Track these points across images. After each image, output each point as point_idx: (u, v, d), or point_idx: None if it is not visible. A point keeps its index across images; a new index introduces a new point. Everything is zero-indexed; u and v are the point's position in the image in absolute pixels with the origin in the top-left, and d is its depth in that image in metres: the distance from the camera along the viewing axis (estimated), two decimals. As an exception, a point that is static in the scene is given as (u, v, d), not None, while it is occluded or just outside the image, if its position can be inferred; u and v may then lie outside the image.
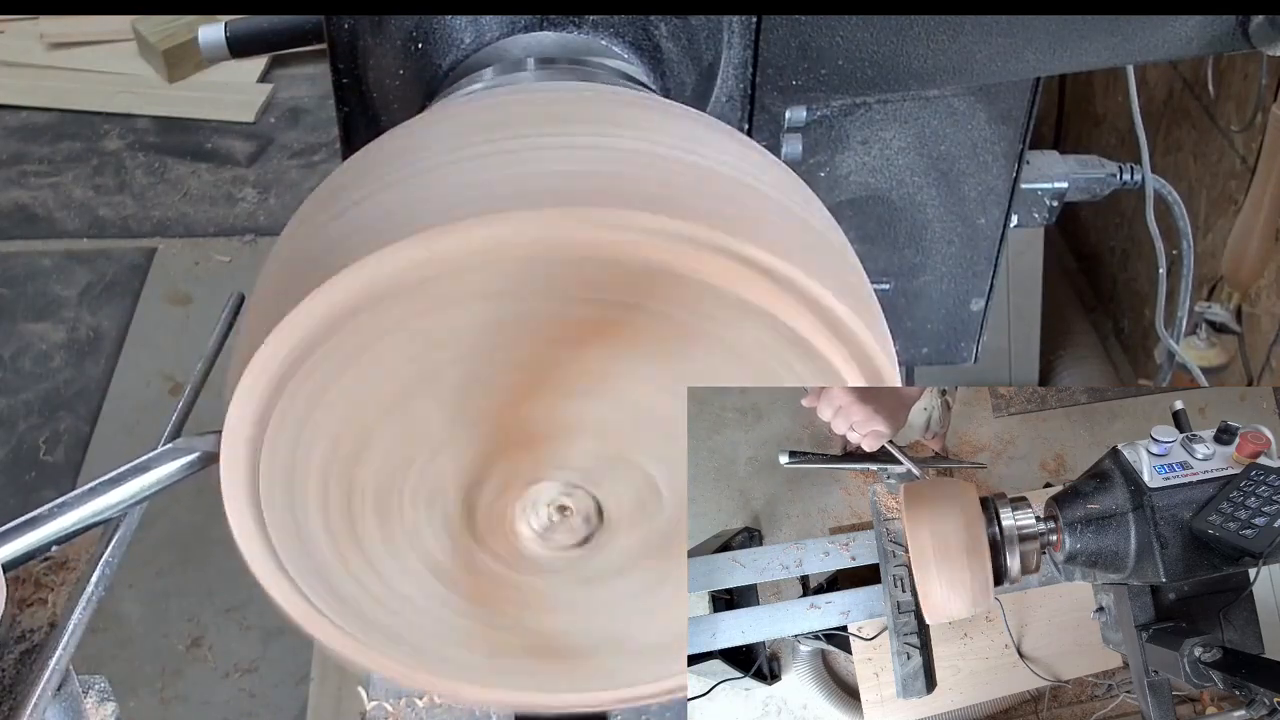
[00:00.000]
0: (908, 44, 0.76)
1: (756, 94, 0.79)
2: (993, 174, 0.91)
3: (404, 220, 0.47)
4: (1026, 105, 0.88)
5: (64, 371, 2.67)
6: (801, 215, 0.53)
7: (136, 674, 2.09)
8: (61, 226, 3.08)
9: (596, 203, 0.46)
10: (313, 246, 0.50)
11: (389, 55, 0.75)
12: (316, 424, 0.50)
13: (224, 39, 1.09)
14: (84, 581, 0.59)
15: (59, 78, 3.47)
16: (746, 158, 0.54)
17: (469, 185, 0.48)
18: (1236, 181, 1.99)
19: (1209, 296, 2.02)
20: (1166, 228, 1.19)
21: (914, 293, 0.96)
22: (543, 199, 0.46)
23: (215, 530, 0.53)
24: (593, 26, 0.72)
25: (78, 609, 0.58)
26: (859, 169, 0.89)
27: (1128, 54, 0.77)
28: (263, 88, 3.51)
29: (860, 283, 0.54)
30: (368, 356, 0.49)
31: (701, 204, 0.48)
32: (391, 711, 0.92)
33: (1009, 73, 0.78)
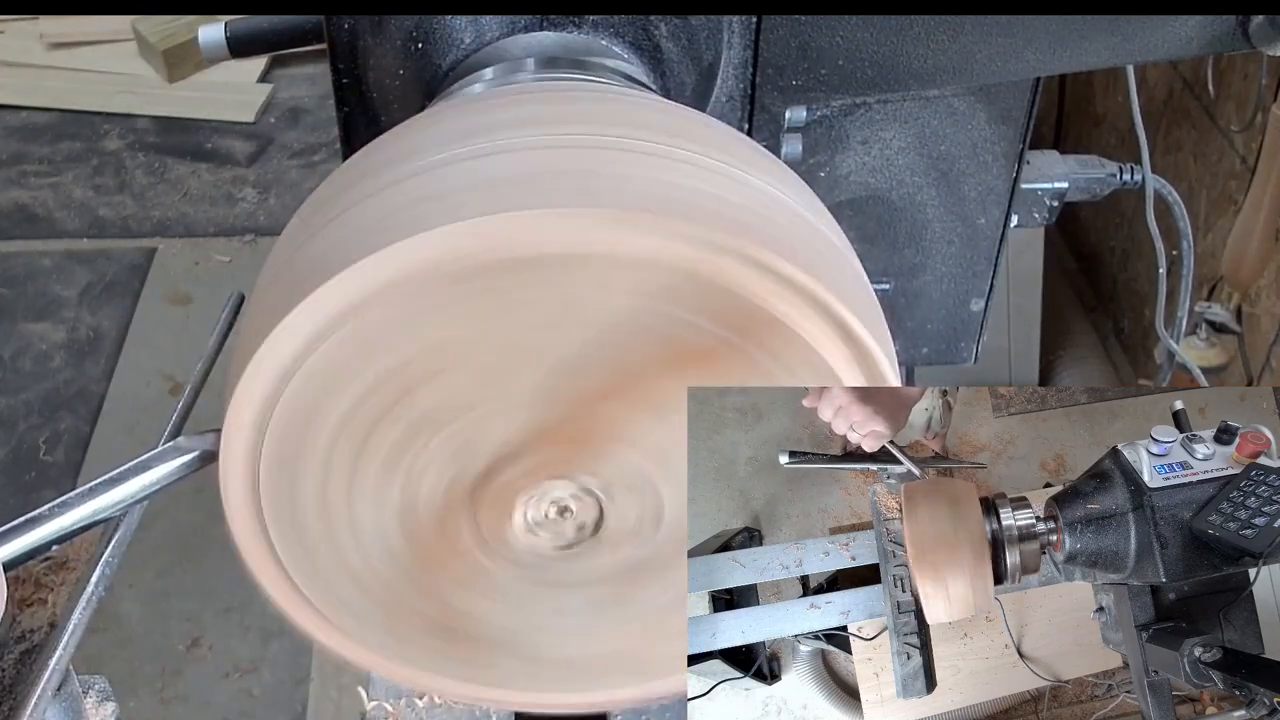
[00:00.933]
0: (908, 44, 0.76)
1: (756, 94, 0.79)
2: (993, 174, 0.91)
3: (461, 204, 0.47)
4: (1026, 105, 0.88)
5: (64, 371, 2.67)
6: (808, 218, 0.53)
7: (136, 674, 2.09)
8: (61, 226, 3.08)
9: (737, 233, 0.47)
10: (315, 247, 0.50)
11: (389, 55, 0.75)
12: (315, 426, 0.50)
13: (224, 39, 1.09)
14: (84, 581, 0.59)
15: (59, 78, 3.47)
16: (753, 161, 0.54)
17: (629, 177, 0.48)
18: (1236, 181, 1.99)
19: (1209, 296, 2.02)
20: (1166, 228, 1.19)
21: (914, 293, 0.96)
22: (698, 214, 0.47)
23: (215, 530, 0.53)
24: (593, 26, 0.72)
25: (78, 609, 0.58)
26: (859, 169, 0.89)
27: (1128, 54, 0.77)
28: (263, 88, 3.51)
29: (861, 283, 0.54)
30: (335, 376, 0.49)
31: (786, 241, 0.49)
32: (391, 711, 0.92)
33: (1009, 73, 0.78)
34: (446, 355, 0.50)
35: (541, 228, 0.46)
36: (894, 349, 0.52)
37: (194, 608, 2.19)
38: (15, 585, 0.61)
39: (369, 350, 0.49)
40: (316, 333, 0.48)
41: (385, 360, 0.49)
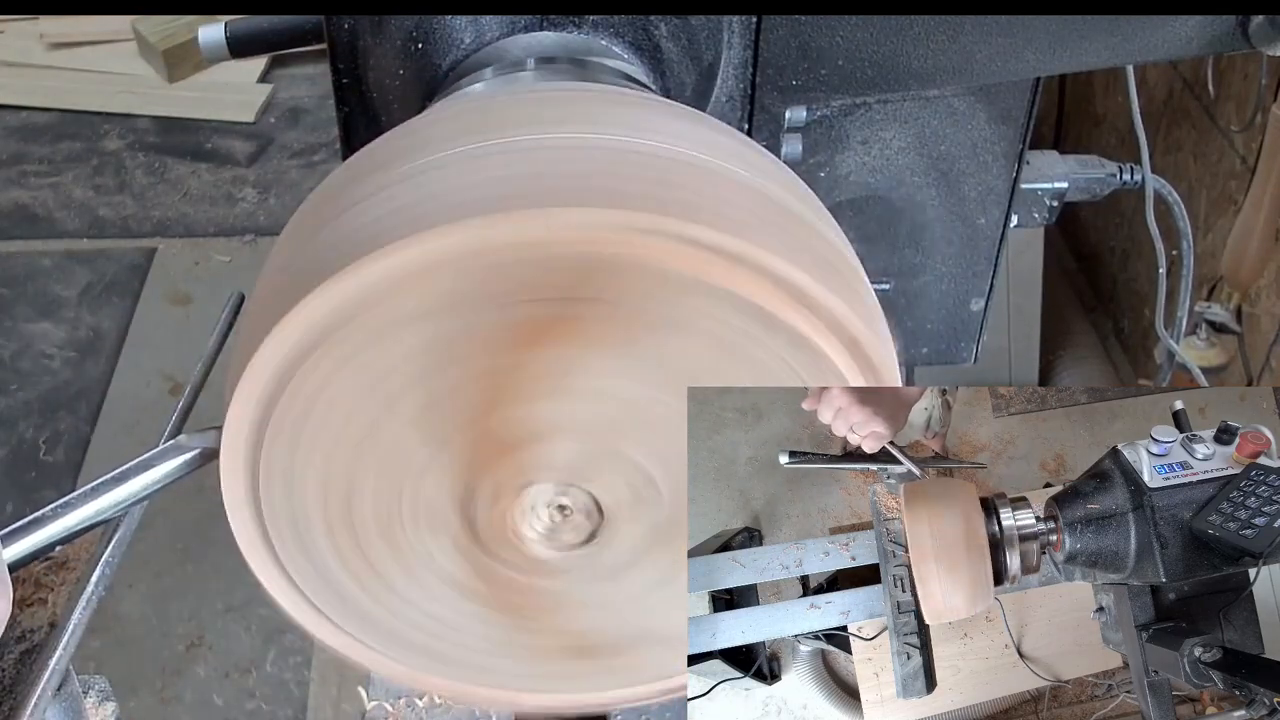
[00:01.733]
0: (908, 44, 0.76)
1: (756, 94, 0.79)
2: (993, 174, 0.91)
3: (340, 255, 0.47)
4: (1026, 105, 0.88)
5: (64, 371, 2.67)
6: (798, 211, 0.53)
7: (136, 674, 2.09)
8: (61, 226, 3.08)
9: (513, 206, 0.46)
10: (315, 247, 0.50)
11: (389, 55, 0.75)
12: (315, 427, 0.50)
13: (224, 39, 1.09)
14: (84, 581, 0.59)
15: (59, 78, 3.47)
16: (726, 147, 0.54)
17: (393, 212, 0.48)
18: (1236, 181, 1.99)
19: (1209, 296, 2.02)
20: (1166, 228, 1.19)
21: (914, 293, 0.96)
22: (460, 212, 0.46)
23: (215, 530, 0.53)
24: (593, 26, 0.72)
25: (78, 609, 0.58)
26: (859, 169, 0.89)
27: (1128, 54, 0.77)
28: (263, 88, 3.51)
29: (860, 283, 0.54)
30: (325, 395, 0.49)
31: (636, 189, 0.47)
32: (391, 711, 0.92)
33: (1009, 73, 0.78)
34: (341, 463, 0.51)
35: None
36: (894, 349, 0.52)
37: (194, 608, 2.19)
38: (16, 585, 0.61)
39: (369, 350, 0.49)
40: (317, 332, 0.48)
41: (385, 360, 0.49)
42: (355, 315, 0.47)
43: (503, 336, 0.48)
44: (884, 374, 0.51)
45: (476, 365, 0.49)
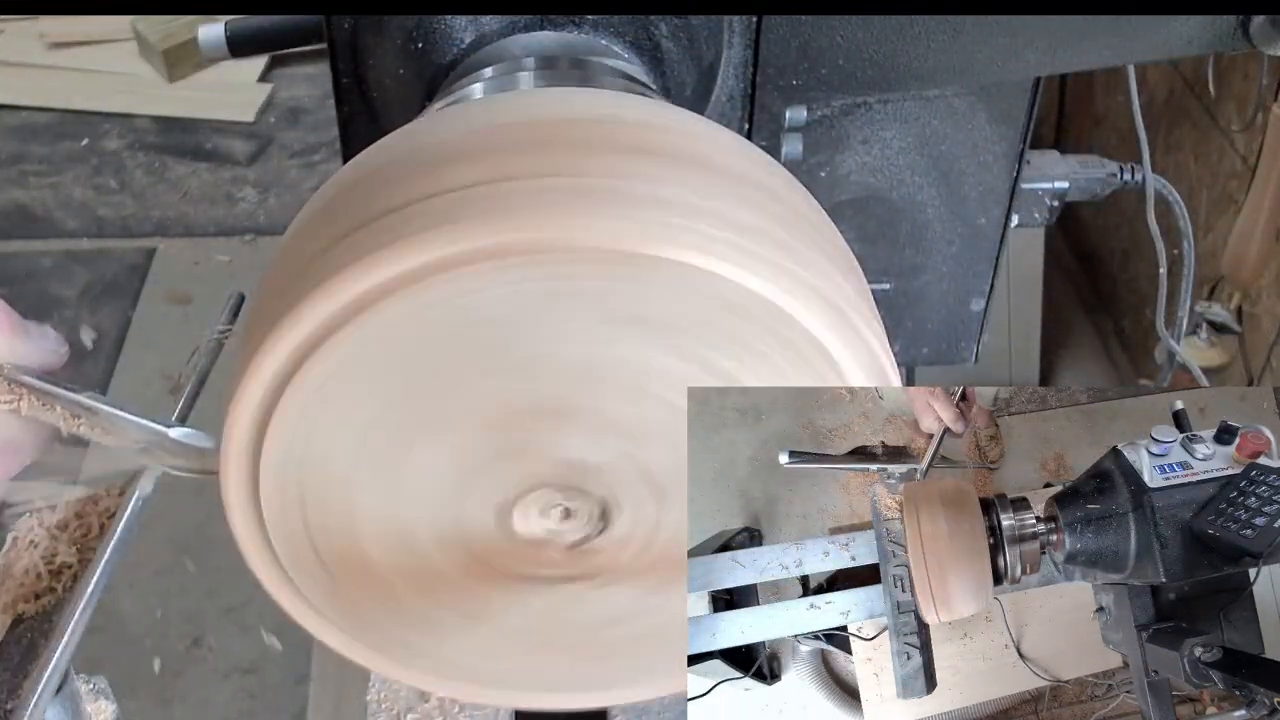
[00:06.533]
0: (908, 44, 0.76)
1: (756, 94, 0.79)
2: (993, 174, 0.91)
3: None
4: (1026, 105, 0.88)
5: (64, 371, 2.67)
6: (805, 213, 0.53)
7: (136, 674, 2.09)
8: (61, 226, 3.08)
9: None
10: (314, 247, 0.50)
11: (389, 55, 0.75)
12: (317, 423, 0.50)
13: (224, 39, 1.10)
14: (84, 581, 0.59)
15: (59, 78, 3.47)
16: (718, 140, 0.54)
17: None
18: (1237, 181, 1.99)
19: (1209, 296, 2.02)
20: (1167, 228, 1.19)
21: (914, 293, 0.96)
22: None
23: (215, 530, 0.53)
24: (593, 26, 0.72)
25: (78, 609, 0.58)
26: (859, 169, 0.89)
27: (1128, 54, 0.77)
28: (263, 87, 3.50)
29: (860, 283, 0.54)
30: (326, 394, 0.49)
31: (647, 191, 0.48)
32: (391, 712, 0.92)
33: (1009, 73, 0.78)
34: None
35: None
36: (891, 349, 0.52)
37: (194, 608, 2.19)
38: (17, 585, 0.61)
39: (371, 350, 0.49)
40: (318, 332, 0.48)
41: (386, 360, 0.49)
42: (358, 315, 0.47)
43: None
44: (887, 375, 0.51)
45: (478, 366, 0.49)
